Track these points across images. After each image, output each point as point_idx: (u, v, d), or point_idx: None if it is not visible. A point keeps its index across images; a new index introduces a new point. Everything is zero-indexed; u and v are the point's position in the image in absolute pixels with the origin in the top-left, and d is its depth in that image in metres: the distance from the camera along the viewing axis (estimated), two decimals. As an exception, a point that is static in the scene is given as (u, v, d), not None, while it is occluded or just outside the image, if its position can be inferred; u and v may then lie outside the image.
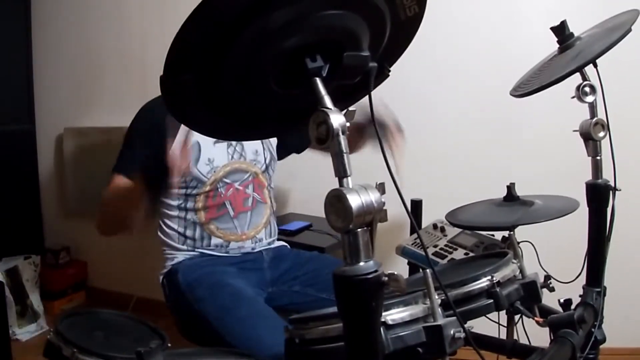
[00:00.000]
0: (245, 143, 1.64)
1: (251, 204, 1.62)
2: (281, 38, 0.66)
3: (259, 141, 1.69)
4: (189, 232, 1.58)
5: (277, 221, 1.78)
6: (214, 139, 1.56)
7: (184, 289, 1.48)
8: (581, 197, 1.32)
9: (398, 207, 0.77)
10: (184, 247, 1.59)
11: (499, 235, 1.52)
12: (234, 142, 1.62)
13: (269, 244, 1.67)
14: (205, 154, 1.56)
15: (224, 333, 1.34)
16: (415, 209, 2.01)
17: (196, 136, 1.50)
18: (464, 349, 0.84)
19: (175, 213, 1.59)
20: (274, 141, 1.75)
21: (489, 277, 0.98)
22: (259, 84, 0.71)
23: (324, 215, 0.66)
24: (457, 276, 1.03)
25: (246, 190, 1.62)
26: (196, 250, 1.58)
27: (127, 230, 1.51)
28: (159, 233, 1.63)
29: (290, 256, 1.68)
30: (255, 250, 1.62)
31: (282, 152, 1.81)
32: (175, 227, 1.59)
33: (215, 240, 1.57)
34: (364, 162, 1.19)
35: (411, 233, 1.94)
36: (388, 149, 1.47)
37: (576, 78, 1.22)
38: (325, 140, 0.66)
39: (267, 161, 1.70)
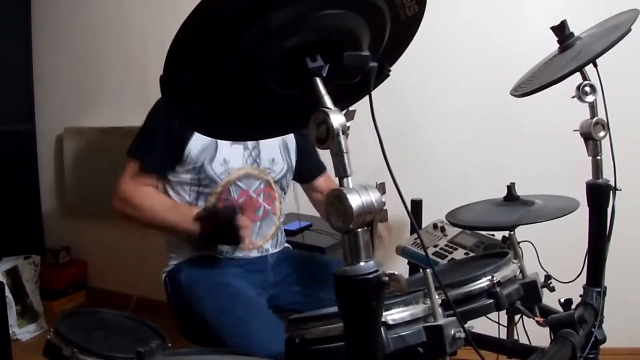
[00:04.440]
0: (262, 149, 1.60)
1: (262, 214, 1.60)
2: (281, 38, 0.66)
3: (279, 150, 1.65)
4: None
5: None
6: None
7: (185, 288, 1.48)
8: (581, 197, 1.32)
9: (398, 207, 0.77)
10: (189, 247, 1.58)
11: (499, 235, 1.52)
12: (250, 146, 1.58)
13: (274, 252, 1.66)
14: (221, 154, 1.53)
15: (221, 332, 1.34)
16: (415, 209, 2.01)
17: None
18: (464, 349, 0.84)
19: None
20: (293, 154, 1.71)
21: (489, 277, 0.98)
22: (259, 84, 0.71)
23: (324, 215, 0.66)
24: (457, 276, 1.03)
25: (258, 199, 1.60)
26: (201, 251, 1.58)
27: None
28: None
29: (292, 258, 1.67)
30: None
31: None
32: None
33: (221, 246, 1.56)
34: (364, 162, 1.19)
35: (411, 233, 1.94)
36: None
37: (576, 78, 1.22)
38: (326, 140, 0.66)
39: (283, 172, 1.66)
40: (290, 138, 1.70)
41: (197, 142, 1.51)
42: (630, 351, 2.14)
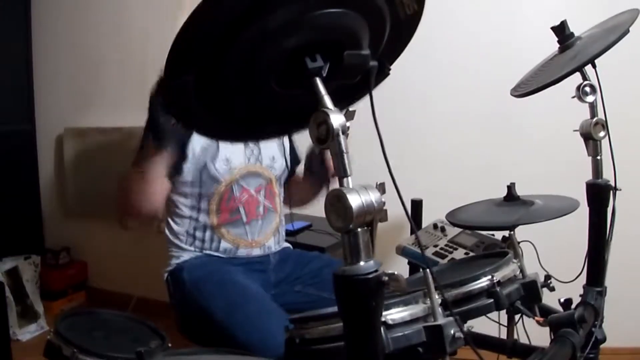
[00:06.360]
0: (262, 147, 1.62)
1: (262, 211, 1.60)
2: (281, 38, 0.66)
3: (277, 147, 1.67)
4: (198, 234, 1.57)
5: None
6: None
7: (190, 286, 1.48)
8: (581, 197, 1.32)
9: (398, 207, 0.77)
10: (191, 247, 1.58)
11: (499, 235, 1.52)
12: (251, 144, 1.59)
13: (276, 250, 1.66)
14: (223, 153, 1.53)
15: (233, 329, 1.33)
16: (415, 209, 2.01)
17: None
18: (464, 348, 0.84)
19: (187, 213, 1.57)
20: (287, 149, 1.72)
21: (489, 277, 0.98)
22: (259, 84, 0.71)
23: (324, 215, 0.66)
24: (457, 276, 1.03)
25: (259, 197, 1.60)
26: (203, 251, 1.57)
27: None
28: (167, 231, 1.62)
29: (293, 257, 1.67)
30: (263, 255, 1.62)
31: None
32: (186, 227, 1.58)
33: (224, 245, 1.56)
34: (365, 162, 1.19)
35: (411, 233, 1.94)
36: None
37: (577, 78, 1.22)
38: (325, 140, 0.66)
39: (283, 169, 1.68)
40: None
41: (198, 142, 1.51)
42: (630, 351, 2.14)
